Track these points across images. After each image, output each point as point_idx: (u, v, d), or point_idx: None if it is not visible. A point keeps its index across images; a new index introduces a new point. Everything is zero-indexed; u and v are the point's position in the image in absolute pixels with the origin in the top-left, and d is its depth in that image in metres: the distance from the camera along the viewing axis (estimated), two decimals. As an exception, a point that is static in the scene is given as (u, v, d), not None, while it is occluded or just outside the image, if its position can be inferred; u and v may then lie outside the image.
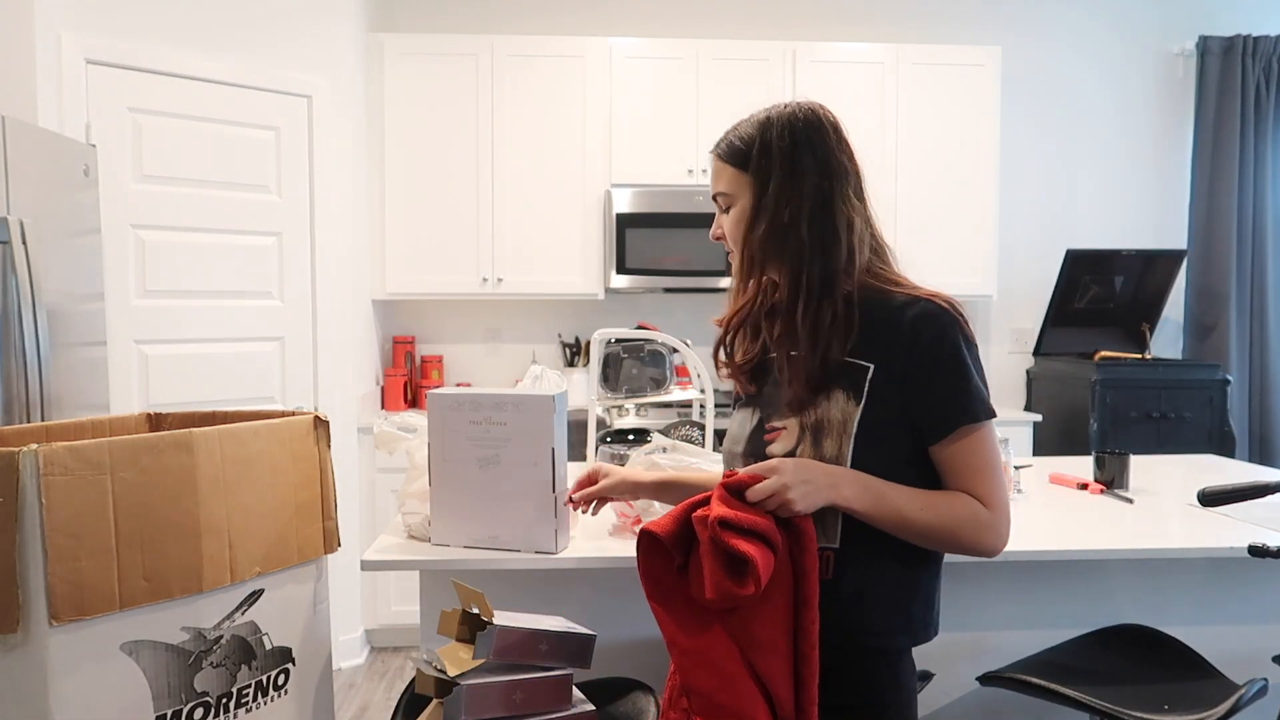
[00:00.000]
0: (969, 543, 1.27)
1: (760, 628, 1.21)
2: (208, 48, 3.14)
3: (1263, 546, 1.71)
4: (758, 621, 1.21)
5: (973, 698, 2.00)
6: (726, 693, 1.20)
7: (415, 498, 1.85)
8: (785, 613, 1.22)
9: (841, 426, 1.27)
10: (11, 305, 2.16)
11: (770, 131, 1.34)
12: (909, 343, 1.27)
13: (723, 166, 1.39)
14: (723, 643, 1.22)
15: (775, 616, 1.22)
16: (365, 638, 3.78)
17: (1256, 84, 4.28)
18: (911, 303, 1.29)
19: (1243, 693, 1.64)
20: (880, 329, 1.29)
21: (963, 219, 4.06)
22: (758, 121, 1.37)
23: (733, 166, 1.37)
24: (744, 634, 1.22)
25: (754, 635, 1.21)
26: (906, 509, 1.25)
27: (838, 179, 1.32)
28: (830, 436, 1.27)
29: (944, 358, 1.27)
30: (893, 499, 1.25)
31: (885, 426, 1.27)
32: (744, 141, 1.36)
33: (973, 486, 1.27)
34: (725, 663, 1.21)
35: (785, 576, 1.22)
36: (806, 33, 4.23)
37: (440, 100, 3.90)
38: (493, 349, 4.32)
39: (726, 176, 1.38)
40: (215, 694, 1.31)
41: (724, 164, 1.38)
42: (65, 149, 2.49)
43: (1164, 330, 4.42)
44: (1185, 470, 2.63)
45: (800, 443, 1.29)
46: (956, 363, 1.27)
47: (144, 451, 1.23)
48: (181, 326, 3.12)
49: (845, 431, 1.27)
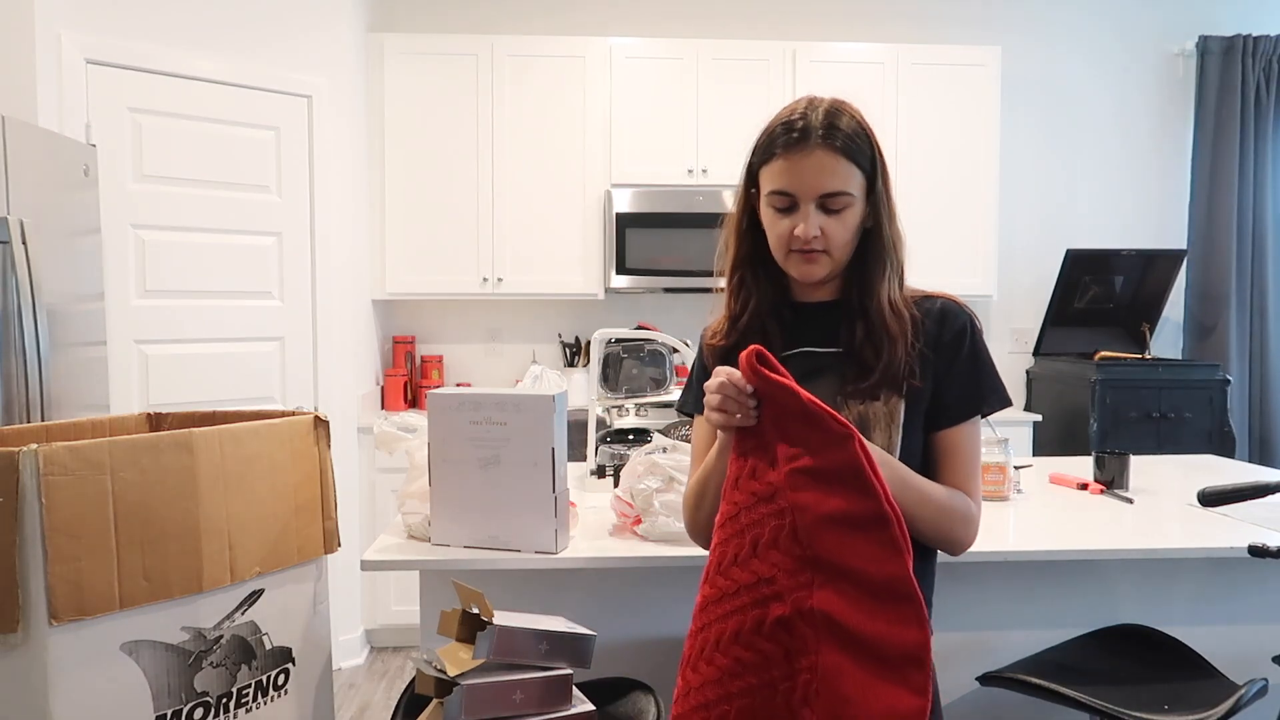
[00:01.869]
0: (957, 537, 1.31)
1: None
2: (208, 48, 3.14)
3: (1263, 546, 1.71)
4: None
5: (973, 698, 1.99)
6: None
7: (415, 498, 1.85)
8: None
9: (889, 418, 1.30)
10: (11, 305, 2.16)
11: (864, 124, 1.33)
12: (935, 337, 1.34)
13: (843, 163, 1.29)
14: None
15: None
16: (365, 638, 3.78)
17: (1256, 84, 4.28)
18: (931, 300, 1.38)
19: (1243, 693, 1.64)
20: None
21: (963, 219, 4.06)
22: (850, 113, 1.32)
23: (852, 163, 1.29)
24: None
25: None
26: (926, 492, 1.28)
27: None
28: (879, 429, 1.30)
29: (966, 349, 1.34)
30: (915, 482, 1.28)
31: (916, 420, 1.32)
32: (855, 136, 1.30)
33: (965, 477, 1.33)
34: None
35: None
36: (806, 33, 4.23)
37: (440, 100, 3.89)
38: (493, 349, 4.32)
39: (848, 174, 1.29)
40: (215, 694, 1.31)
41: (843, 159, 1.29)
42: (65, 149, 2.49)
43: (1164, 330, 4.42)
44: (1185, 470, 2.62)
45: None
46: (978, 353, 1.35)
47: (144, 451, 1.23)
48: (181, 326, 3.12)
49: (893, 423, 1.30)
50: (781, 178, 1.30)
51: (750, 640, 1.15)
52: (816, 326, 1.39)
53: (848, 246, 1.32)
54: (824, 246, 1.30)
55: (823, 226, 1.29)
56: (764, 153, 1.33)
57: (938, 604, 2.01)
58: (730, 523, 1.22)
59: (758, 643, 1.15)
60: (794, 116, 1.30)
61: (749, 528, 1.19)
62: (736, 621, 1.17)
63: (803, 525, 1.14)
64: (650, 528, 1.81)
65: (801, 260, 1.32)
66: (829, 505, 1.14)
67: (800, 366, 1.35)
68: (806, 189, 1.28)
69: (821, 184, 1.28)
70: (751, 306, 1.40)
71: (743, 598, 1.17)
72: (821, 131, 1.28)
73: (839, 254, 1.32)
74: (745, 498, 1.21)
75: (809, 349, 1.38)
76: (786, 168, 1.29)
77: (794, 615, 1.13)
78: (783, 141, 1.30)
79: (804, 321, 1.40)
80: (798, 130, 1.29)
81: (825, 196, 1.28)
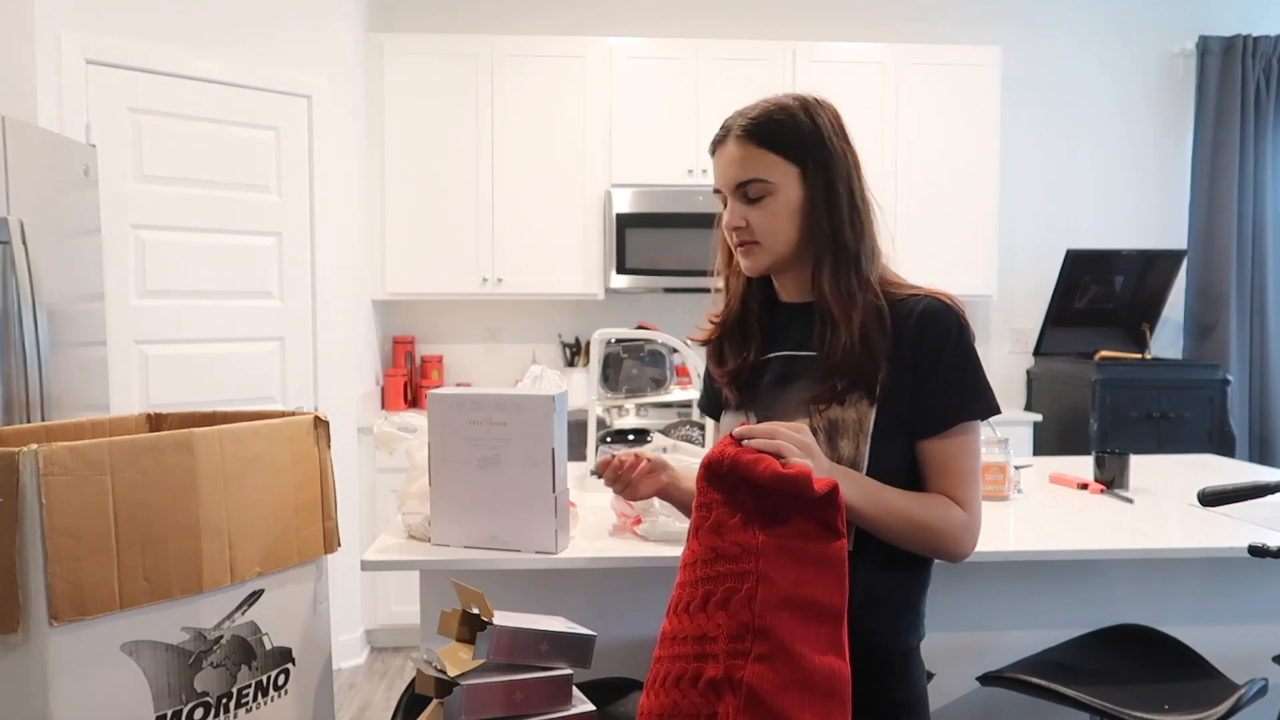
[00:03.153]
0: (948, 547, 1.26)
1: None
2: (208, 48, 3.14)
3: (1263, 546, 1.71)
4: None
5: (973, 698, 1.99)
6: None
7: (415, 498, 1.85)
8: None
9: (857, 426, 1.25)
10: (11, 305, 2.16)
11: (803, 116, 1.30)
12: (915, 340, 1.26)
13: (758, 152, 1.29)
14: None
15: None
16: (365, 638, 3.78)
17: (1256, 84, 4.28)
18: (915, 300, 1.29)
19: (1243, 693, 1.64)
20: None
21: (963, 219, 4.06)
22: (782, 105, 1.31)
23: (771, 151, 1.29)
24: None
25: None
26: (897, 507, 1.23)
27: (857, 171, 1.32)
28: (846, 437, 1.25)
29: (949, 353, 1.26)
30: (885, 497, 1.23)
31: (895, 429, 1.26)
32: (779, 125, 1.29)
33: (956, 486, 1.26)
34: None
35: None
36: (806, 33, 4.23)
37: (440, 100, 3.89)
38: (493, 349, 4.32)
39: (764, 162, 1.29)
40: (215, 694, 1.31)
41: (758, 149, 1.29)
42: (65, 149, 2.49)
43: (1164, 330, 4.42)
44: (1185, 470, 2.62)
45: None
46: (964, 358, 1.27)
47: (144, 451, 1.22)
48: (181, 326, 3.12)
49: (862, 431, 1.25)
50: (714, 177, 1.36)
51: (686, 690, 1.14)
52: (795, 328, 1.35)
53: (780, 235, 1.30)
54: (752, 237, 1.31)
55: (745, 216, 1.31)
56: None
57: (937, 604, 2.01)
58: (688, 568, 1.20)
59: (692, 694, 1.14)
60: (726, 121, 1.35)
61: (702, 581, 1.16)
62: (680, 667, 1.16)
63: (765, 597, 1.10)
64: (650, 528, 1.81)
65: (740, 253, 1.34)
66: (804, 592, 1.10)
67: (777, 370, 1.34)
68: (724, 181, 1.33)
69: (732, 174, 1.31)
70: (732, 308, 1.42)
71: (688, 646, 1.16)
72: (739, 128, 1.31)
73: (770, 242, 1.31)
74: (704, 550, 1.17)
75: (787, 353, 1.35)
76: (715, 165, 1.35)
77: (724, 680, 1.11)
78: (712, 141, 1.36)
79: (785, 323, 1.37)
80: (722, 129, 1.34)
81: (739, 185, 1.31)
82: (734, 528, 1.14)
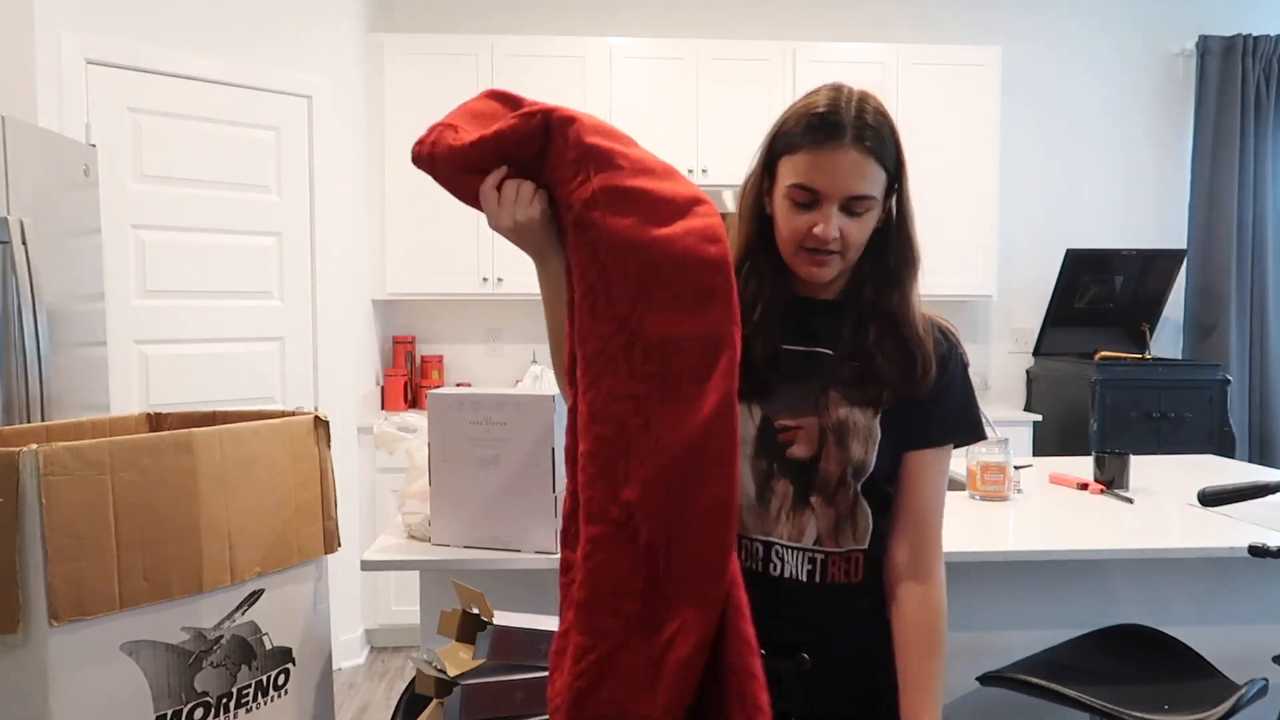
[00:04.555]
0: (945, 626, 1.29)
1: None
2: (208, 48, 3.14)
3: (1263, 546, 1.71)
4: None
5: (973, 698, 1.99)
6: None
7: (415, 498, 1.85)
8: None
9: (868, 433, 1.25)
10: (11, 305, 2.16)
11: (889, 119, 1.24)
12: (928, 364, 1.27)
13: (873, 166, 1.20)
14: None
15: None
16: (365, 638, 3.78)
17: (1256, 84, 4.28)
18: (929, 322, 1.31)
19: (1243, 693, 1.64)
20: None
21: (963, 219, 4.06)
22: (881, 111, 1.23)
23: (879, 165, 1.21)
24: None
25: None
26: (935, 685, 1.27)
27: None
28: (857, 440, 1.25)
29: (950, 375, 1.28)
30: (931, 696, 1.26)
31: (893, 437, 1.26)
32: (885, 136, 1.22)
33: (922, 508, 1.28)
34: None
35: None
36: (806, 33, 4.23)
37: (440, 101, 3.84)
38: (493, 349, 4.31)
39: (875, 178, 1.21)
40: (215, 694, 1.31)
41: (874, 163, 1.20)
42: (65, 149, 2.49)
43: (1164, 330, 4.42)
44: (1185, 470, 2.62)
45: (824, 444, 1.25)
46: (961, 381, 1.30)
47: (144, 451, 1.23)
48: (181, 326, 3.12)
49: (870, 437, 1.25)
50: (807, 173, 1.20)
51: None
52: (812, 324, 1.30)
53: (861, 247, 1.25)
54: (839, 249, 1.22)
55: (842, 228, 1.21)
56: (787, 142, 1.23)
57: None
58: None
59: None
60: (826, 108, 1.20)
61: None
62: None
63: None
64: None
65: (810, 260, 1.23)
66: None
67: (790, 365, 1.29)
68: (834, 189, 1.19)
69: (850, 186, 1.19)
70: (764, 298, 1.29)
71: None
72: (854, 130, 1.18)
73: (852, 255, 1.24)
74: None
75: (796, 347, 1.30)
76: (814, 163, 1.20)
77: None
78: (812, 135, 1.20)
79: (800, 318, 1.31)
80: (830, 125, 1.19)
81: (851, 199, 1.20)
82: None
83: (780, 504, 1.26)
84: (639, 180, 1.12)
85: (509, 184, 1.19)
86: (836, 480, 1.24)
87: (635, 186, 1.11)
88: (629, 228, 1.09)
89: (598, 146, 1.13)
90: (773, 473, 1.26)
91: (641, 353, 1.08)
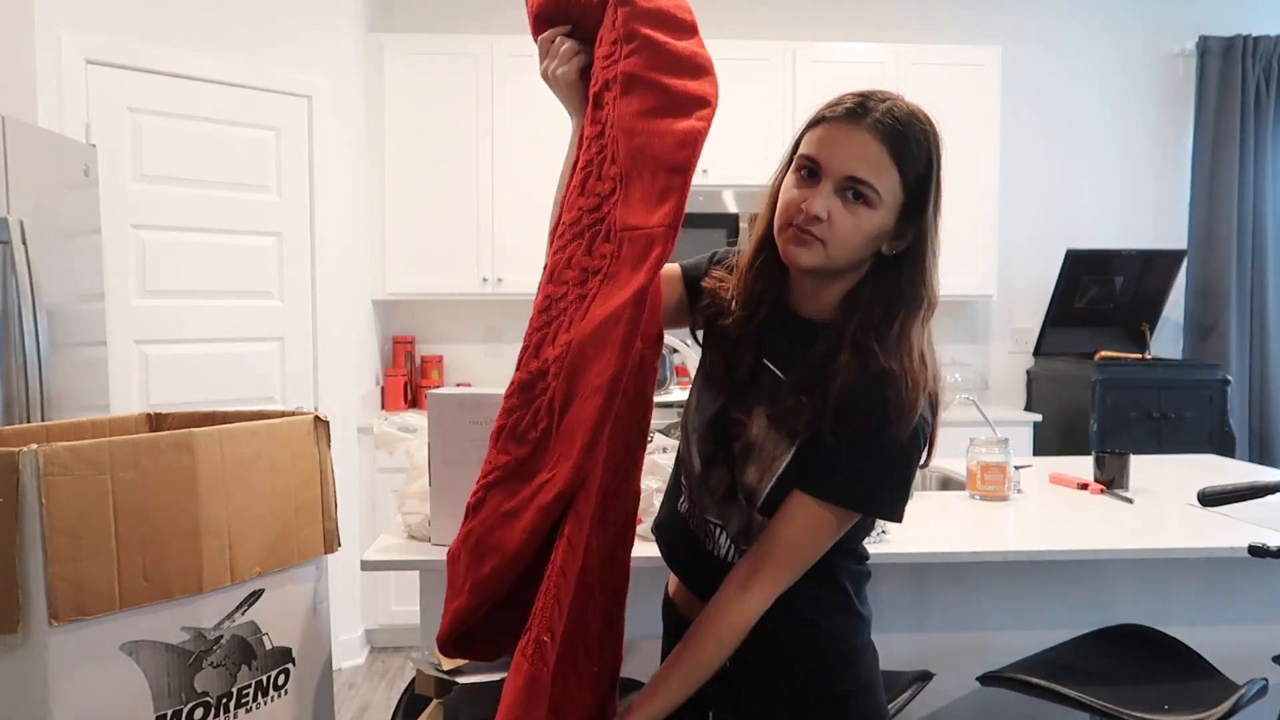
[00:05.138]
0: (735, 639, 1.21)
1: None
2: (208, 48, 3.14)
3: (1263, 546, 1.71)
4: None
5: (973, 698, 2.00)
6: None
7: (415, 498, 1.85)
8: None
9: (770, 458, 1.21)
10: (11, 305, 2.16)
11: (932, 141, 1.19)
12: (841, 415, 1.18)
13: (885, 156, 1.15)
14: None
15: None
16: (365, 638, 3.78)
17: (1256, 84, 4.28)
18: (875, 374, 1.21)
19: (1243, 693, 1.64)
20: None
21: (963, 219, 4.05)
22: (923, 122, 1.19)
23: (895, 165, 1.15)
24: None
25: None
26: (676, 689, 1.23)
27: (937, 222, 1.22)
28: (755, 465, 1.23)
29: (883, 439, 1.16)
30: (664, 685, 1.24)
31: (796, 479, 1.21)
32: (915, 143, 1.17)
33: (777, 545, 1.19)
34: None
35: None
36: (806, 33, 4.23)
37: (440, 100, 3.89)
38: (493, 349, 4.31)
39: (880, 166, 1.14)
40: (215, 694, 1.31)
41: (889, 154, 1.15)
42: (65, 149, 2.49)
43: (1164, 330, 4.42)
44: (1185, 470, 2.62)
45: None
46: (873, 444, 1.17)
47: (144, 451, 1.23)
48: (181, 326, 3.12)
49: (770, 466, 1.22)
50: (816, 145, 1.17)
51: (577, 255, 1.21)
52: (788, 341, 1.25)
53: (849, 250, 1.17)
54: (823, 235, 1.15)
55: (831, 212, 1.14)
56: (813, 119, 1.20)
57: (938, 604, 2.02)
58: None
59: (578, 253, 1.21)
60: (862, 95, 1.18)
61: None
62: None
63: (625, 15, 1.23)
64: (650, 527, 1.81)
65: (793, 236, 1.17)
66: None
67: (762, 380, 1.26)
68: (834, 164, 1.15)
69: (851, 166, 1.14)
70: (768, 301, 1.26)
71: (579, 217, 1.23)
72: (878, 115, 1.15)
73: (836, 250, 1.16)
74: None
75: (771, 366, 1.25)
76: (825, 136, 1.17)
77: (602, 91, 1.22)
78: (836, 111, 1.17)
79: (779, 330, 1.26)
80: (856, 105, 1.16)
81: (850, 180, 1.14)
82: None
83: (716, 490, 1.30)
84: (660, 74, 1.20)
85: (559, 39, 1.33)
86: (743, 493, 1.26)
87: (653, 79, 1.20)
88: (631, 116, 1.18)
89: (637, 31, 1.23)
90: (715, 460, 1.30)
91: (605, 233, 1.17)
